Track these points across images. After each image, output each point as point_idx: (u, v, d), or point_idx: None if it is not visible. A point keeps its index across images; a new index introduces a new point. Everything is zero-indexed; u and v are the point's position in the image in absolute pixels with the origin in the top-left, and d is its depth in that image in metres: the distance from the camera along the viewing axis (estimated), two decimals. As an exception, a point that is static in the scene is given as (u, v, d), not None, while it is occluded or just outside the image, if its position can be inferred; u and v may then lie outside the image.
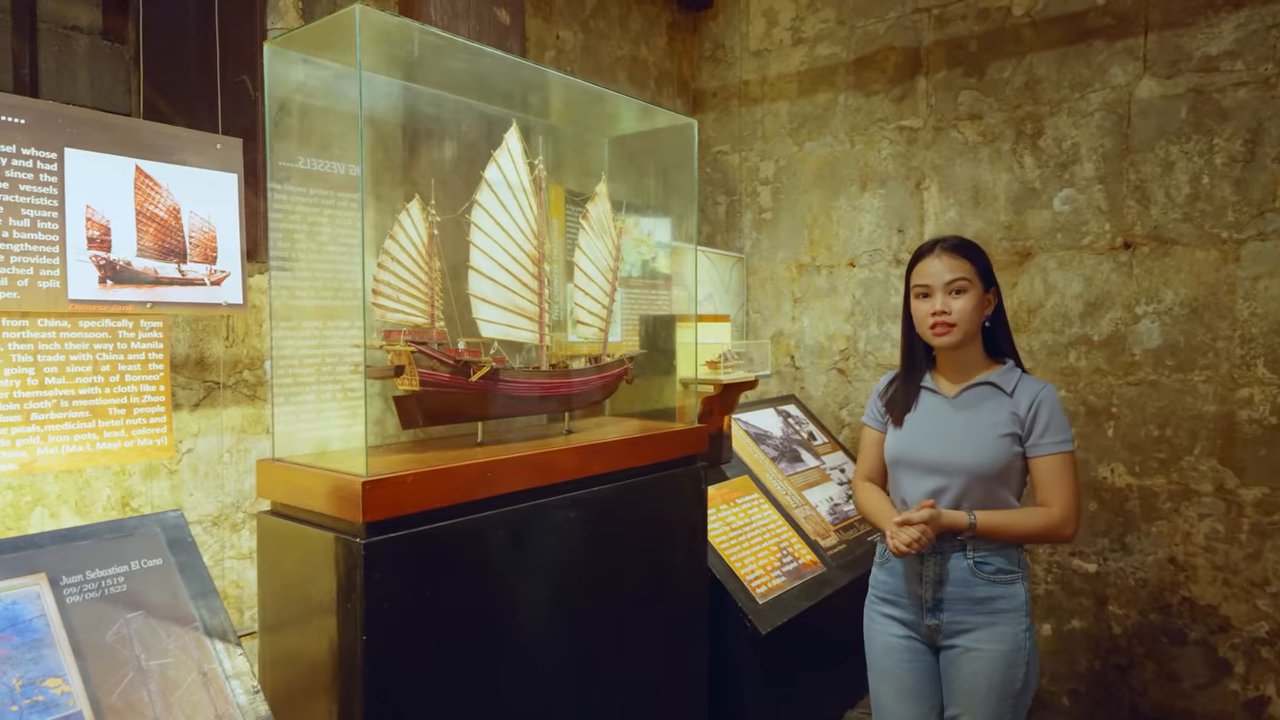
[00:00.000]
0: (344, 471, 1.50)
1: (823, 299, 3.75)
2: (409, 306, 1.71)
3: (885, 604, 1.97)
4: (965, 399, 1.91)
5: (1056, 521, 1.82)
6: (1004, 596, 1.84)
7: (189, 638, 1.27)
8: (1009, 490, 1.87)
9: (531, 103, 2.15)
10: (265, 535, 1.65)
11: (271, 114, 1.70)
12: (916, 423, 1.94)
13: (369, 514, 1.44)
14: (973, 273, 1.87)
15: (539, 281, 1.99)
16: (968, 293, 1.85)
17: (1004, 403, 1.87)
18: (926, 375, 1.98)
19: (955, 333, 1.85)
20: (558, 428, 2.12)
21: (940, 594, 1.86)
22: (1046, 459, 1.85)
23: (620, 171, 2.50)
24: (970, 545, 1.84)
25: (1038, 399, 1.86)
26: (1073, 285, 3.12)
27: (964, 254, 1.89)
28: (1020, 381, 1.90)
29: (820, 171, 3.74)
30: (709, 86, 4.08)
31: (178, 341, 2.19)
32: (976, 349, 1.93)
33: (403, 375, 1.67)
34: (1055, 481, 1.84)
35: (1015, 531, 1.83)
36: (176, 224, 1.96)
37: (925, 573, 1.88)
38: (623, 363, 2.18)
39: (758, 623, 2.38)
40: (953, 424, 1.89)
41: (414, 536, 1.51)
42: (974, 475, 1.84)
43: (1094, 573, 3.09)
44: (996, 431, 1.85)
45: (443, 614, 1.56)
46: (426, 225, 1.75)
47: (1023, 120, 3.20)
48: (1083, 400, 3.11)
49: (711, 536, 2.57)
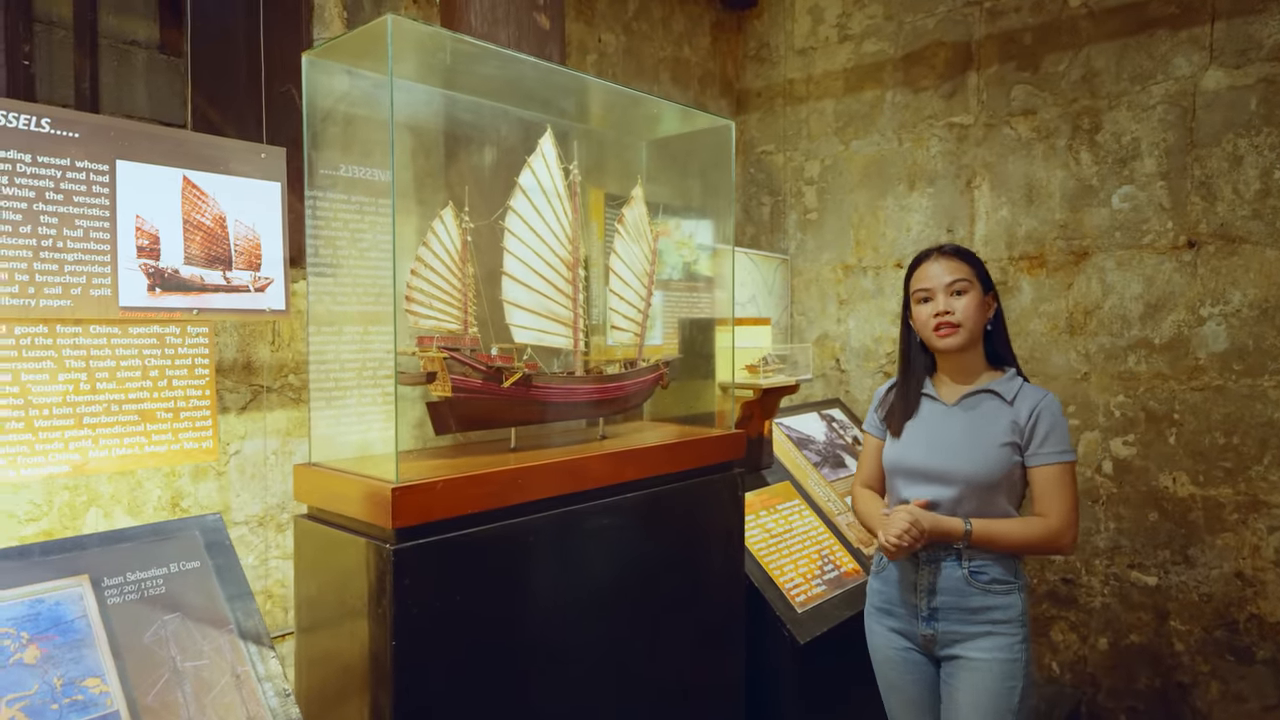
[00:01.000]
0: (376, 477, 1.52)
1: (869, 301, 3.68)
2: (442, 312, 1.72)
3: (882, 614, 1.96)
4: (965, 406, 1.89)
5: (1054, 532, 1.79)
6: (999, 607, 1.81)
7: (224, 640, 1.30)
8: (1008, 500, 1.85)
9: (567, 108, 2.15)
10: (302, 538, 1.68)
11: (310, 123, 1.73)
12: (915, 430, 1.92)
13: (399, 520, 1.45)
14: (972, 275, 1.87)
15: (573, 286, 1.99)
16: (969, 293, 1.85)
17: (1004, 411, 1.84)
18: (926, 381, 1.96)
19: (960, 333, 1.83)
20: (593, 433, 2.12)
21: (934, 603, 1.84)
22: (1045, 469, 1.81)
23: (658, 174, 2.49)
24: (965, 554, 1.82)
25: (1038, 408, 1.82)
26: (1132, 286, 2.99)
27: (961, 258, 1.89)
28: (1021, 390, 1.87)
29: (867, 171, 3.66)
30: (753, 86, 4.03)
31: (225, 346, 2.25)
32: (978, 354, 1.91)
33: (435, 381, 1.68)
34: (1054, 492, 1.80)
35: (1011, 540, 1.80)
36: (222, 232, 2.02)
37: (919, 581, 1.86)
38: (658, 367, 2.16)
39: (796, 632, 2.34)
40: (952, 432, 1.87)
41: (444, 542, 1.52)
42: (972, 484, 1.82)
43: (1154, 586, 2.97)
44: (996, 440, 1.82)
45: (473, 619, 1.57)
46: (460, 231, 1.76)
47: (1079, 115, 3.09)
48: (1143, 406, 2.98)
49: (750, 543, 2.54)
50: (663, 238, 2.92)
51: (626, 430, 2.26)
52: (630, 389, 2.06)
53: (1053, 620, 3.18)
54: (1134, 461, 3.00)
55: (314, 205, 1.75)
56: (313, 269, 1.79)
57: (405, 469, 1.63)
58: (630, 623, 1.90)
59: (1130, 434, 3.01)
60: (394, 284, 1.51)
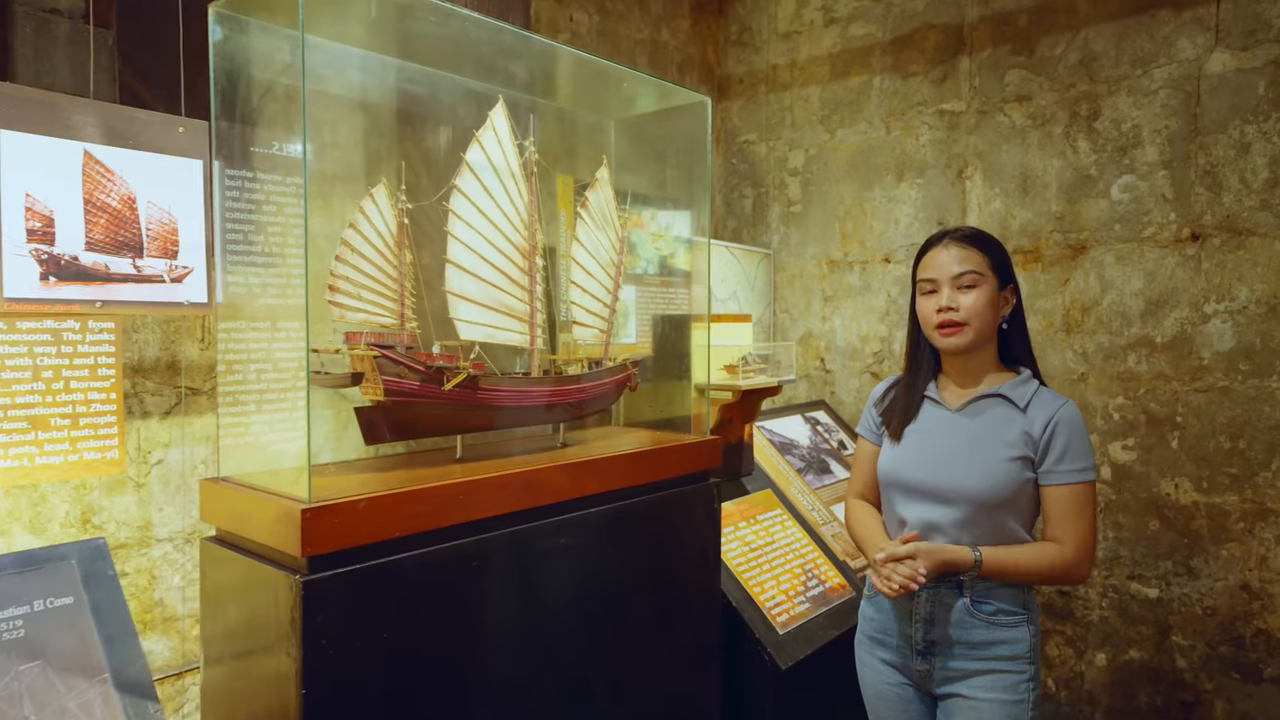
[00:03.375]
0: (287, 495, 1.31)
1: (855, 297, 3.49)
2: (373, 304, 1.51)
3: (874, 644, 1.74)
4: (971, 412, 1.67)
5: (1070, 561, 1.58)
6: (1005, 642, 1.60)
7: (94, 693, 1.09)
8: (1018, 521, 1.62)
9: (524, 78, 1.94)
10: (207, 565, 1.47)
11: (218, 87, 1.52)
12: (914, 438, 1.70)
13: (310, 545, 1.24)
14: (985, 265, 1.63)
15: (529, 277, 1.79)
16: (979, 288, 1.61)
17: (1015, 419, 1.62)
18: (930, 383, 1.74)
19: (965, 333, 1.61)
20: (553, 441, 1.92)
21: (931, 635, 1.63)
22: (1062, 489, 1.59)
23: (630, 157, 2.29)
24: (968, 581, 1.61)
25: (1055, 418, 1.60)
26: (1133, 281, 2.83)
27: (976, 245, 1.65)
28: (1036, 395, 1.64)
29: (853, 161, 3.48)
30: (735, 72, 3.84)
31: (145, 344, 2.03)
32: (989, 355, 1.69)
33: (363, 383, 1.48)
34: (1071, 515, 1.58)
35: (1024, 571, 1.58)
36: (131, 214, 1.80)
37: (915, 610, 1.64)
38: (625, 367, 1.96)
39: (777, 656, 2.14)
40: (955, 441, 1.65)
41: (369, 571, 1.31)
42: (977, 503, 1.60)
43: (1155, 599, 2.80)
44: (1005, 453, 1.60)
45: (406, 659, 1.36)
46: (396, 213, 1.56)
47: (1077, 101, 2.92)
48: (1143, 408, 2.81)
49: (727, 558, 2.35)
50: (635, 228, 2.72)
51: (592, 437, 2.06)
52: (593, 392, 1.86)
53: (1048, 634, 3.01)
54: (1134, 467, 2.84)
55: (222, 183, 1.54)
56: (221, 256, 1.57)
57: (328, 485, 1.42)
58: (593, 654, 1.70)
59: (1130, 438, 2.84)
60: (305, 269, 1.30)
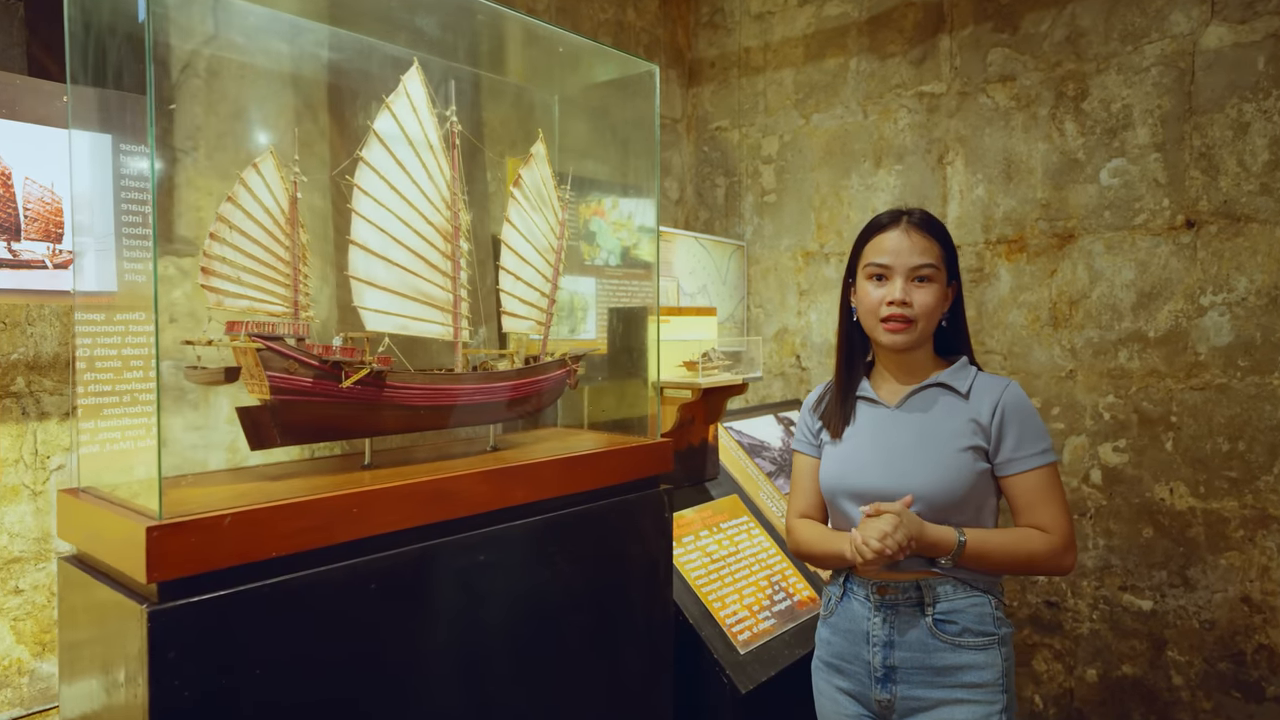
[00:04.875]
0: (140, 510, 1.12)
1: (832, 291, 3.31)
2: (257, 289, 1.32)
3: (831, 670, 1.56)
4: (912, 406, 1.52)
5: (1059, 547, 1.44)
6: (975, 666, 1.43)
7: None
8: (977, 516, 1.48)
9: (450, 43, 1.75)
10: (64, 588, 1.27)
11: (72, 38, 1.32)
12: (854, 441, 1.55)
13: (159, 570, 1.05)
14: (941, 259, 1.50)
15: (453, 263, 1.60)
16: (934, 283, 1.49)
17: (959, 407, 1.49)
18: (864, 382, 1.60)
19: (912, 331, 1.49)
20: (481, 445, 1.73)
21: (891, 659, 1.46)
22: (1027, 476, 1.45)
23: (576, 136, 2.10)
24: (928, 596, 1.44)
25: (1001, 402, 1.47)
26: (1123, 272, 2.65)
27: (935, 235, 1.52)
28: (976, 380, 1.51)
29: (829, 147, 3.30)
30: (706, 56, 3.66)
31: (42, 338, 1.83)
32: (926, 348, 1.55)
33: (247, 380, 1.28)
34: (1043, 501, 1.45)
35: (1010, 557, 1.43)
36: (6, 192, 1.60)
37: (873, 632, 1.48)
38: (564, 363, 1.78)
39: (736, 678, 1.96)
40: (900, 439, 1.51)
41: (236, 599, 1.12)
42: (931, 503, 1.44)
43: (1149, 611, 2.63)
44: (954, 444, 1.46)
45: (284, 703, 1.17)
46: (287, 187, 1.37)
47: (1064, 80, 2.74)
48: (1135, 407, 2.64)
49: (685, 570, 2.16)
50: (595, 215, 2.54)
51: (529, 441, 1.87)
52: (525, 389, 1.67)
53: (1035, 648, 2.84)
54: (1126, 470, 2.66)
55: (77, 153, 1.35)
56: (77, 239, 1.38)
57: (198, 497, 1.23)
58: (522, 685, 1.51)
59: (1121, 439, 2.67)
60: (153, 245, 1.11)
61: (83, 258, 1.40)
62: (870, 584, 1.49)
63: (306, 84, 1.90)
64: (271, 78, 1.83)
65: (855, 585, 1.52)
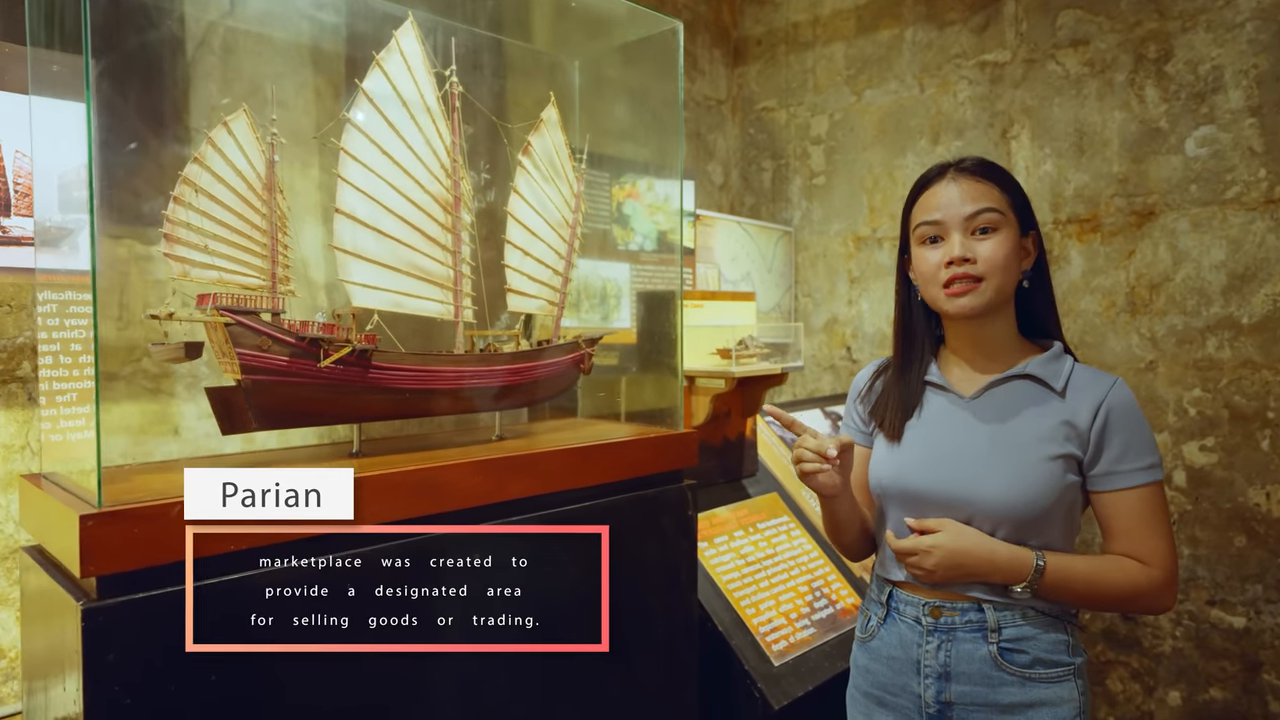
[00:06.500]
0: (80, 495, 1.02)
1: (885, 278, 3.10)
2: (229, 260, 1.22)
3: (870, 702, 1.33)
4: (992, 400, 1.27)
5: (1159, 583, 1.19)
6: (1047, 703, 1.20)
7: None
8: (1060, 540, 1.23)
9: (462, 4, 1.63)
10: (25, 578, 1.19)
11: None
12: (918, 434, 1.30)
13: (94, 563, 0.95)
14: (1005, 203, 1.23)
15: (454, 236, 1.48)
16: (999, 231, 1.21)
17: (1052, 407, 1.23)
18: (932, 366, 1.34)
19: (982, 291, 1.21)
20: (487, 434, 1.60)
21: (946, 694, 1.23)
22: (1129, 494, 1.20)
23: (608, 116, 1.96)
24: (993, 621, 1.21)
25: (1105, 403, 1.21)
26: (1213, 252, 2.38)
27: (990, 177, 1.24)
28: (1074, 374, 1.25)
29: (883, 125, 3.09)
30: (752, 33, 3.48)
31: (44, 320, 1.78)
32: (1007, 323, 1.28)
33: (220, 358, 1.18)
34: (1146, 526, 1.19)
35: (1097, 590, 1.19)
36: (-4, 167, 1.55)
37: (924, 659, 1.25)
38: (576, 347, 1.64)
39: (769, 692, 1.79)
40: (974, 438, 1.25)
41: (183, 597, 1.01)
42: (1008, 516, 1.20)
43: (1242, 629, 2.35)
44: (1041, 451, 1.21)
45: (235, 713, 1.06)
46: (263, 149, 1.26)
47: (1143, 41, 2.48)
48: (1226, 402, 2.37)
49: (717, 574, 2.00)
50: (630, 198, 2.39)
51: (542, 430, 1.74)
52: (531, 375, 1.54)
53: (1110, 666, 2.58)
54: (1215, 472, 2.39)
55: (33, 122, 1.27)
56: (38, 211, 1.30)
57: (153, 485, 1.13)
58: (521, 701, 1.37)
59: (1210, 437, 2.40)
60: (90, 212, 1.01)
61: (45, 234, 1.32)
62: (921, 603, 1.27)
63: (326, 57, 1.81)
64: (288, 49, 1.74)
65: (902, 604, 1.30)
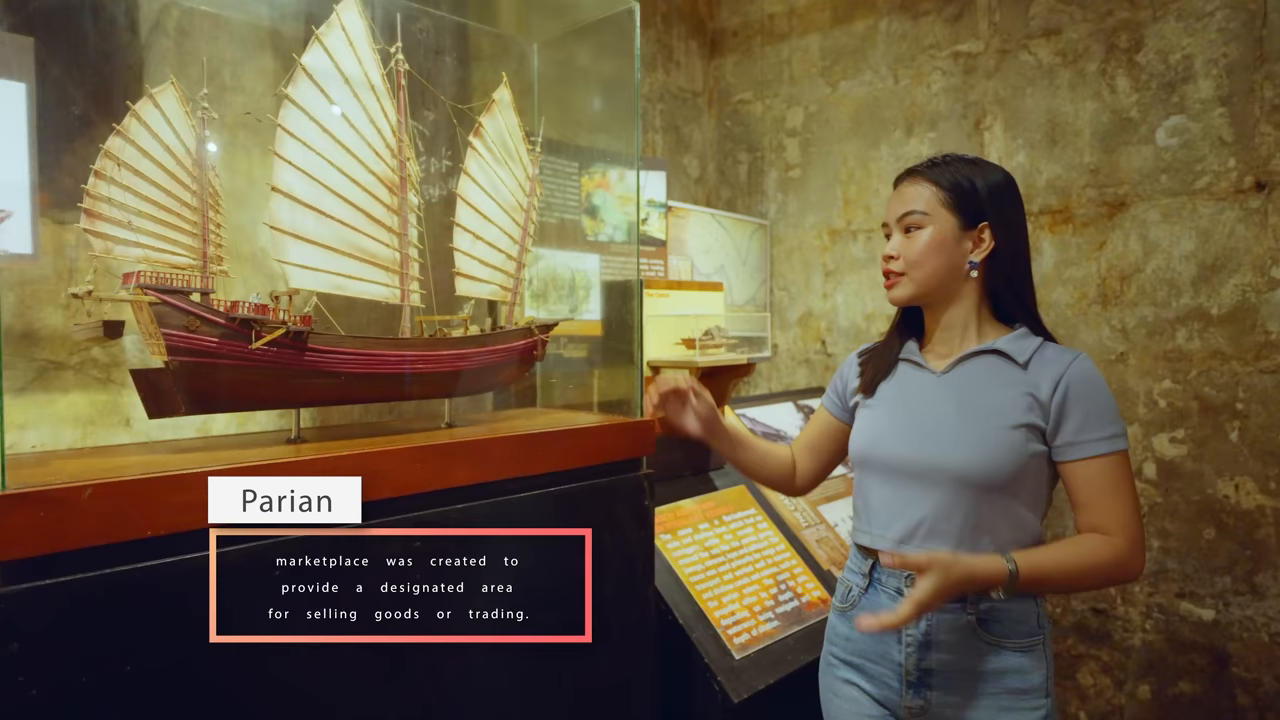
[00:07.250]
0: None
1: (859, 271, 3.08)
2: (156, 238, 1.18)
3: (848, 668, 1.40)
4: (960, 375, 1.35)
5: (1123, 553, 1.22)
6: (1019, 670, 1.27)
7: None
8: (1027, 507, 1.28)
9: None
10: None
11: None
12: (889, 407, 1.40)
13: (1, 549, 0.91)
14: (935, 202, 1.33)
15: (400, 218, 1.44)
16: (925, 229, 1.33)
17: (1016, 379, 1.30)
18: (913, 345, 1.44)
19: (903, 284, 1.36)
20: (437, 420, 1.56)
21: (927, 662, 1.29)
22: (1091, 464, 1.24)
23: (555, 91, 1.93)
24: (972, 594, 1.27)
25: (1066, 375, 1.26)
26: (1182, 242, 2.37)
27: (931, 177, 1.35)
28: (1039, 351, 1.31)
29: (857, 116, 3.06)
30: (729, 25, 3.45)
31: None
32: (967, 308, 1.37)
33: (146, 339, 1.14)
34: (1109, 494, 1.23)
35: (1071, 574, 1.23)
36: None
37: (906, 630, 1.31)
38: (529, 333, 1.60)
39: (729, 686, 1.76)
40: (941, 408, 1.33)
41: (97, 584, 0.98)
42: (971, 483, 1.26)
43: (1211, 621, 2.34)
44: (1002, 420, 1.27)
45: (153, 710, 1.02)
46: (193, 124, 1.22)
47: (1115, 31, 2.47)
48: (1196, 394, 2.35)
49: (679, 566, 1.97)
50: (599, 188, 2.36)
51: (493, 419, 1.70)
52: (480, 360, 1.50)
53: (1080, 660, 2.56)
54: (1184, 464, 2.38)
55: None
56: None
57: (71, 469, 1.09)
58: (463, 699, 1.34)
59: (1180, 429, 2.38)
60: None
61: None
62: (903, 576, 1.33)
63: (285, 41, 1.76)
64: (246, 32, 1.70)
65: (884, 575, 1.36)
